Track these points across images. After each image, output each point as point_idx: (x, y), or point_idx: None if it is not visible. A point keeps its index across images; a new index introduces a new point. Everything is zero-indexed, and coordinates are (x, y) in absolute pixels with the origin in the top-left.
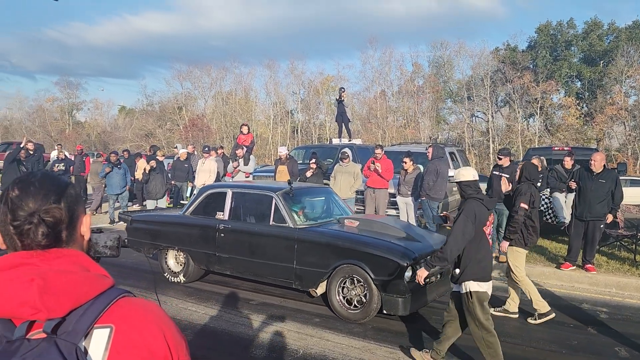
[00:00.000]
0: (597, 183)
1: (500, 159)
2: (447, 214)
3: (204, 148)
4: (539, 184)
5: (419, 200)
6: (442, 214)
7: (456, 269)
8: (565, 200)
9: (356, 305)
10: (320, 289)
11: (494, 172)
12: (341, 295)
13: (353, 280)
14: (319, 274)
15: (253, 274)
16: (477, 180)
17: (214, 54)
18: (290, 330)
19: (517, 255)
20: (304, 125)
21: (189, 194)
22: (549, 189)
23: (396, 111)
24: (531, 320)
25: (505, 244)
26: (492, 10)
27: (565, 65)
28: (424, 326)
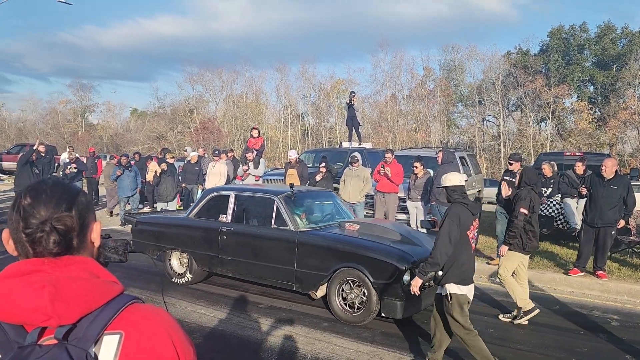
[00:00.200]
0: (609, 189)
1: (511, 164)
2: (435, 218)
3: (214, 151)
4: (550, 190)
5: (429, 204)
6: (431, 219)
7: (439, 271)
8: (576, 206)
9: (355, 308)
10: (321, 292)
11: (505, 177)
12: (341, 298)
13: (352, 283)
14: (319, 277)
15: (254, 276)
16: (464, 185)
17: (226, 57)
18: (299, 334)
19: (511, 257)
20: (315, 128)
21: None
22: (560, 195)
23: (407, 115)
24: (509, 318)
25: (504, 248)
26: (504, 14)
27: (578, 70)
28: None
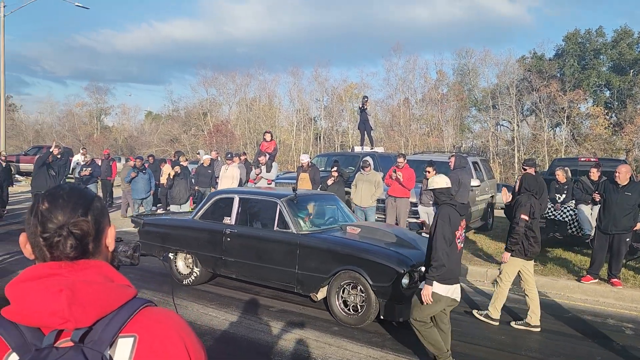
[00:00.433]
0: (623, 196)
1: (525, 170)
2: (424, 220)
3: (227, 155)
4: (564, 196)
5: None
6: (420, 221)
7: (422, 267)
8: (590, 213)
9: (355, 311)
10: (321, 294)
11: None
12: (341, 300)
13: (352, 285)
14: (319, 279)
15: (257, 278)
16: (450, 187)
17: (239, 61)
18: (309, 338)
19: (512, 262)
20: (327, 132)
21: None
22: (574, 201)
23: (419, 119)
24: (476, 313)
25: (506, 255)
26: (519, 19)
27: (594, 74)
28: None
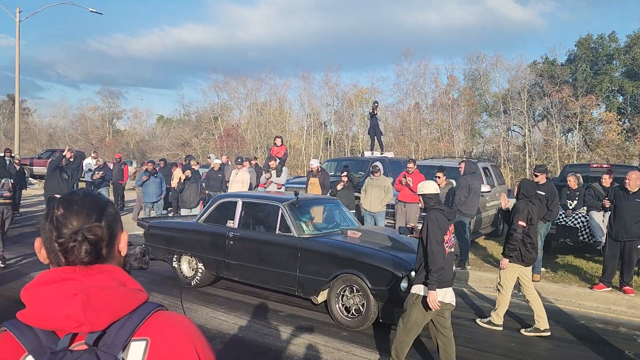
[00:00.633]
0: (633, 202)
1: (537, 176)
2: (414, 225)
3: (237, 159)
4: (575, 202)
5: None
6: (409, 225)
7: (413, 272)
8: (602, 219)
9: (354, 314)
10: (322, 297)
11: None
12: (340, 304)
13: (352, 289)
14: (320, 282)
15: (259, 281)
16: (438, 193)
17: (250, 65)
18: (318, 343)
19: (510, 269)
20: (337, 136)
21: None
22: (585, 207)
23: (430, 124)
24: (480, 321)
25: (505, 261)
26: (531, 23)
27: (607, 80)
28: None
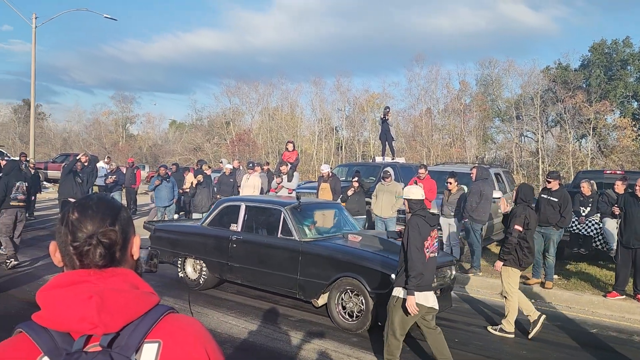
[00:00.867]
0: None
1: (549, 182)
2: (402, 229)
3: (249, 164)
4: (588, 209)
5: (463, 221)
6: (398, 229)
7: (393, 275)
8: (616, 227)
9: (353, 316)
10: (322, 300)
11: (542, 196)
12: (340, 306)
13: (351, 292)
14: (320, 285)
15: (261, 283)
16: (423, 199)
17: (262, 71)
18: (328, 348)
19: (511, 274)
20: (348, 142)
21: None
22: (599, 214)
23: (442, 129)
24: (490, 328)
25: (499, 264)
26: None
27: (621, 85)
28: (461, 347)
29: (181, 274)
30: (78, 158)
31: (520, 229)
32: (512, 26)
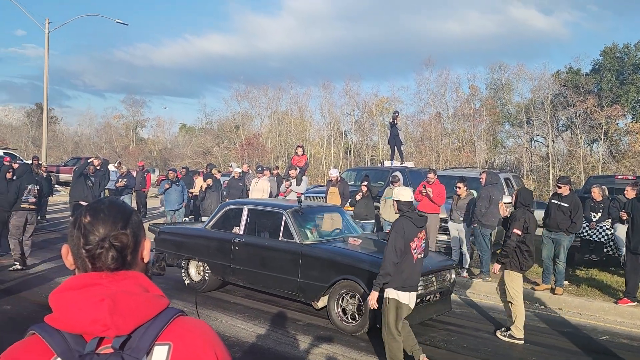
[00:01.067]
0: None
1: (560, 187)
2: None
3: (257, 168)
4: (599, 215)
5: (472, 226)
6: (389, 231)
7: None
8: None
9: (353, 319)
10: (322, 302)
11: (553, 201)
12: (339, 309)
13: (350, 294)
14: (320, 288)
15: (262, 286)
16: (412, 201)
17: (271, 75)
18: (337, 352)
19: (514, 278)
20: (357, 146)
21: None
22: (610, 220)
23: (451, 134)
24: (499, 333)
25: (496, 267)
26: (554, 33)
27: (633, 90)
28: (470, 352)
29: (184, 275)
30: (90, 161)
31: (519, 232)
32: (523, 30)
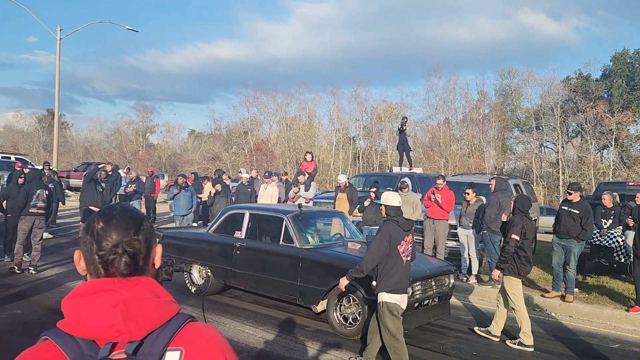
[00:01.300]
0: None
1: (571, 194)
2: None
3: (265, 173)
4: (610, 221)
5: (481, 233)
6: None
7: (374, 282)
8: None
9: (351, 323)
10: (321, 306)
11: (563, 207)
12: (338, 313)
13: (349, 298)
14: (319, 292)
15: (263, 289)
16: (400, 206)
17: (280, 81)
18: (344, 359)
19: (514, 284)
20: (366, 152)
21: None
22: (621, 227)
23: (460, 140)
24: (510, 343)
25: (496, 272)
26: (564, 38)
27: None
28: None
29: (187, 279)
30: (101, 167)
31: (517, 238)
32: (532, 36)
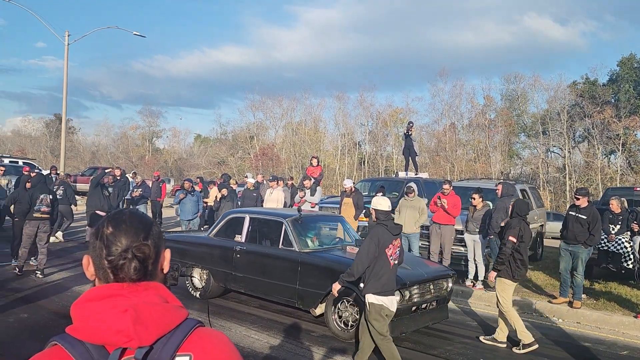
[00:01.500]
0: None
1: (578, 199)
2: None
3: (270, 178)
4: (618, 227)
5: (488, 238)
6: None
7: (361, 284)
8: None
9: (349, 326)
10: (320, 309)
11: (570, 213)
12: (336, 315)
13: (347, 302)
14: (317, 295)
15: (262, 293)
16: (390, 210)
17: (286, 85)
18: None
19: (505, 287)
20: (371, 156)
21: None
22: (629, 232)
23: (466, 144)
24: (516, 350)
25: (492, 274)
26: (571, 43)
27: None
28: None
29: (188, 282)
30: (108, 171)
31: (514, 240)
32: (538, 40)
